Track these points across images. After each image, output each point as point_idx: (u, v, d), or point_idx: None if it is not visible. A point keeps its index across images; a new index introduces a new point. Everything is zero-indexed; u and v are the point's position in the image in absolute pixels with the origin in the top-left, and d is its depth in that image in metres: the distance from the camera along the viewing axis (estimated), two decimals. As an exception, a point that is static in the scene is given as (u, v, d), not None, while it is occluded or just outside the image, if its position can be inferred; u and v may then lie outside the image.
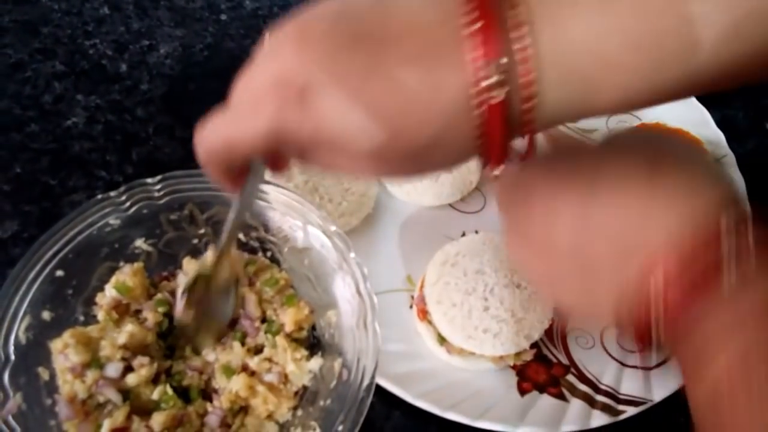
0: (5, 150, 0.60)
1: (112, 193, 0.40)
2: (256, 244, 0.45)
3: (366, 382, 0.36)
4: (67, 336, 0.36)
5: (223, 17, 0.71)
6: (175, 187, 0.41)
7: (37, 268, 0.36)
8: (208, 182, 0.42)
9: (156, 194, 0.41)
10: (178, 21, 0.70)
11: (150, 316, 0.40)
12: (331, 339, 0.41)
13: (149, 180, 0.40)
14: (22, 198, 0.57)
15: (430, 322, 0.49)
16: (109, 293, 0.39)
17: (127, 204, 0.40)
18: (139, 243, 0.41)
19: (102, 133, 0.61)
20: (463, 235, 0.55)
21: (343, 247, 0.41)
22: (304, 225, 0.42)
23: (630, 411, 0.48)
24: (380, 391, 0.46)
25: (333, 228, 0.41)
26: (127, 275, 0.39)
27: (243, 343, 0.41)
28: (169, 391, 0.38)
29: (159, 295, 0.41)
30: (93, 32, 0.68)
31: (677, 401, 0.49)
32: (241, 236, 0.45)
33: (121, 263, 0.41)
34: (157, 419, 0.37)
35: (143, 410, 0.39)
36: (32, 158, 0.60)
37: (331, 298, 0.42)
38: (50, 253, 0.36)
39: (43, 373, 0.36)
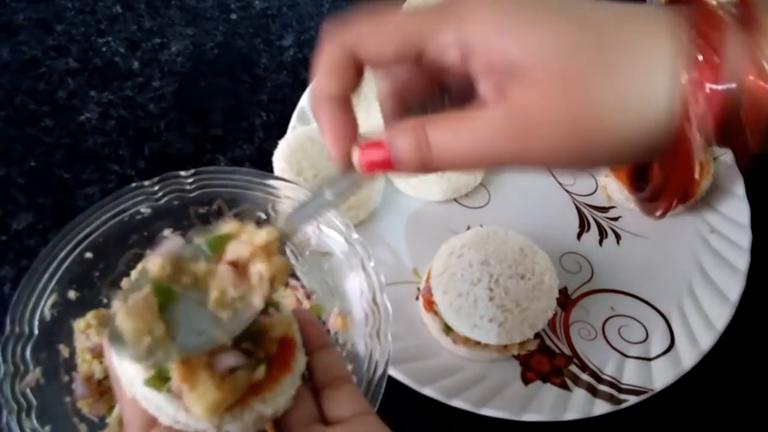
0: (20, 144, 0.61)
1: (146, 183, 0.41)
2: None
3: (375, 387, 0.37)
4: (90, 317, 0.37)
5: (233, 16, 0.73)
6: (206, 182, 0.42)
7: (68, 248, 0.37)
8: (238, 180, 0.42)
9: (187, 187, 0.41)
10: (189, 20, 0.72)
11: None
12: (343, 344, 0.42)
13: (182, 173, 0.41)
14: (36, 191, 0.59)
15: (436, 313, 0.50)
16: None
17: (159, 194, 0.41)
18: (167, 233, 0.42)
19: (115, 128, 0.63)
20: (468, 228, 0.56)
21: (364, 255, 0.41)
22: (326, 230, 0.43)
23: (632, 400, 0.49)
24: (387, 379, 0.47)
25: (355, 236, 0.41)
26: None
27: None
28: None
29: None
30: (106, 30, 0.70)
31: (678, 390, 0.50)
32: None
33: (148, 251, 0.42)
34: None
35: None
36: (46, 152, 0.61)
37: (347, 304, 0.42)
38: (81, 235, 0.38)
39: (64, 351, 0.37)
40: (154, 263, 0.28)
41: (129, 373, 0.29)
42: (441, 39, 0.26)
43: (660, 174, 0.28)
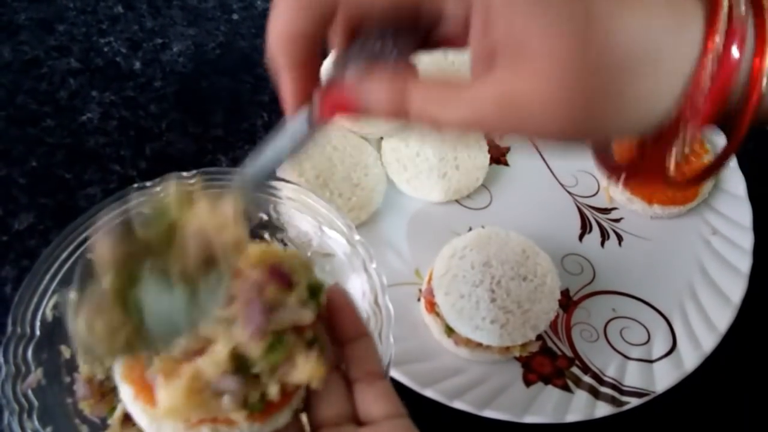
0: (22, 144, 0.61)
1: (148, 183, 0.41)
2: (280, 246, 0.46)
3: None
4: None
5: (235, 17, 0.73)
6: (208, 183, 0.42)
7: (70, 249, 0.37)
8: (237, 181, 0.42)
9: (189, 188, 0.41)
10: (191, 20, 0.72)
11: None
12: None
13: (184, 173, 0.41)
14: (38, 191, 0.58)
15: (437, 314, 0.50)
16: None
17: (162, 195, 0.41)
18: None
19: (116, 128, 0.63)
20: (470, 230, 0.56)
21: (366, 256, 0.41)
22: (328, 231, 0.42)
23: (633, 402, 0.49)
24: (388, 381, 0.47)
25: (357, 237, 0.41)
26: None
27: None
28: None
29: None
30: (107, 30, 0.70)
31: (680, 392, 0.50)
32: (266, 236, 0.45)
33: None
34: None
35: None
36: (48, 152, 0.61)
37: None
38: (84, 235, 0.37)
39: (65, 352, 0.37)
40: (100, 248, 0.26)
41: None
42: None
43: (642, 150, 0.27)
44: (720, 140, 0.64)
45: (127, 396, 0.28)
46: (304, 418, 0.31)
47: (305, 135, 0.27)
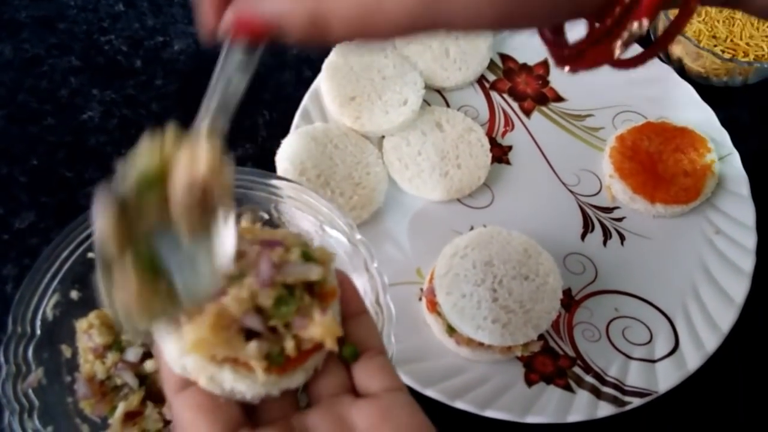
0: (23, 142, 0.61)
1: None
2: None
3: None
4: (93, 317, 0.37)
5: (236, 15, 0.72)
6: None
7: (71, 247, 0.37)
8: (241, 179, 0.42)
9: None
10: (192, 18, 0.71)
11: None
12: None
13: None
14: (39, 189, 0.58)
15: (439, 314, 0.50)
16: None
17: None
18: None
19: (117, 126, 0.63)
20: (472, 229, 0.56)
21: (367, 256, 0.41)
22: (330, 230, 0.42)
23: (636, 402, 0.49)
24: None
25: (358, 236, 0.41)
26: None
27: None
28: None
29: None
30: (108, 28, 0.70)
31: (682, 393, 0.50)
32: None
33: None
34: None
35: (158, 397, 0.40)
36: (49, 151, 0.61)
37: None
38: (84, 234, 0.37)
39: (66, 351, 0.37)
40: (100, 228, 0.26)
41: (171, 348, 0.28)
42: None
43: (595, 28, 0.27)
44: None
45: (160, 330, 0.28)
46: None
47: (243, 61, 0.27)
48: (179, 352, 0.27)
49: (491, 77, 0.66)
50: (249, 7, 0.25)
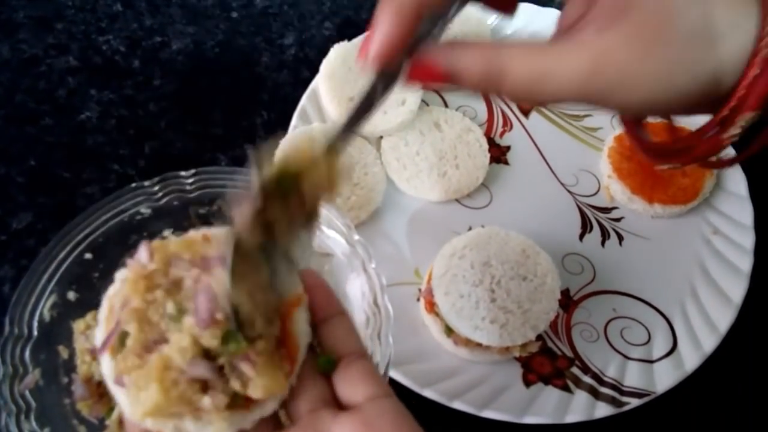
0: (20, 143, 0.61)
1: (146, 183, 0.40)
2: None
3: None
4: (90, 318, 0.37)
5: (234, 15, 0.72)
6: (207, 182, 0.41)
7: (68, 248, 0.37)
8: (239, 180, 0.42)
9: (188, 187, 0.41)
10: (190, 18, 0.71)
11: None
12: None
13: (183, 173, 0.41)
14: (36, 190, 0.58)
15: (437, 314, 0.50)
16: None
17: (159, 194, 0.41)
18: (167, 233, 0.41)
19: (115, 127, 0.63)
20: (470, 229, 0.56)
21: (365, 256, 0.41)
22: (327, 231, 0.42)
23: (633, 402, 0.48)
24: (388, 381, 0.46)
25: (356, 237, 0.41)
26: None
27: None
28: None
29: None
30: (106, 28, 0.70)
31: (680, 393, 0.50)
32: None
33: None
34: None
35: None
36: (46, 151, 0.61)
37: (348, 306, 0.41)
38: (81, 235, 0.37)
39: (63, 352, 0.37)
40: (237, 225, 0.27)
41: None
42: None
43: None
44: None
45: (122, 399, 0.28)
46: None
47: (382, 93, 0.29)
48: (137, 417, 0.27)
49: (489, 77, 0.66)
50: (433, 56, 0.28)
